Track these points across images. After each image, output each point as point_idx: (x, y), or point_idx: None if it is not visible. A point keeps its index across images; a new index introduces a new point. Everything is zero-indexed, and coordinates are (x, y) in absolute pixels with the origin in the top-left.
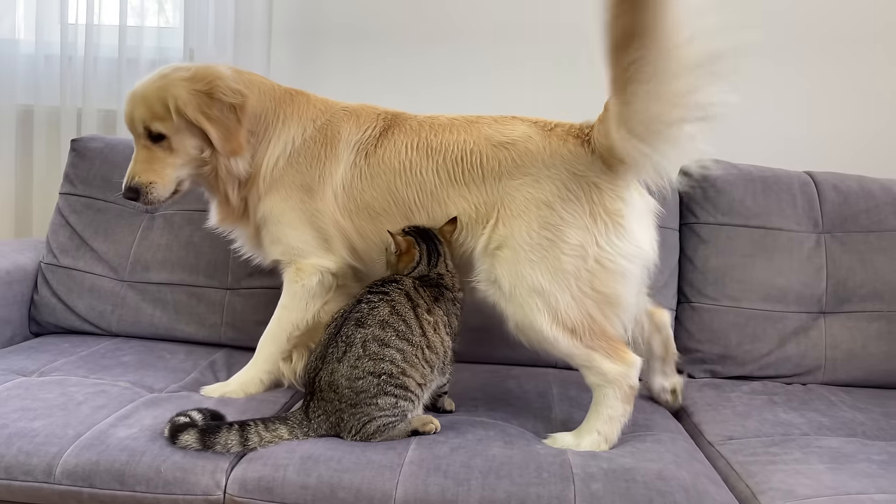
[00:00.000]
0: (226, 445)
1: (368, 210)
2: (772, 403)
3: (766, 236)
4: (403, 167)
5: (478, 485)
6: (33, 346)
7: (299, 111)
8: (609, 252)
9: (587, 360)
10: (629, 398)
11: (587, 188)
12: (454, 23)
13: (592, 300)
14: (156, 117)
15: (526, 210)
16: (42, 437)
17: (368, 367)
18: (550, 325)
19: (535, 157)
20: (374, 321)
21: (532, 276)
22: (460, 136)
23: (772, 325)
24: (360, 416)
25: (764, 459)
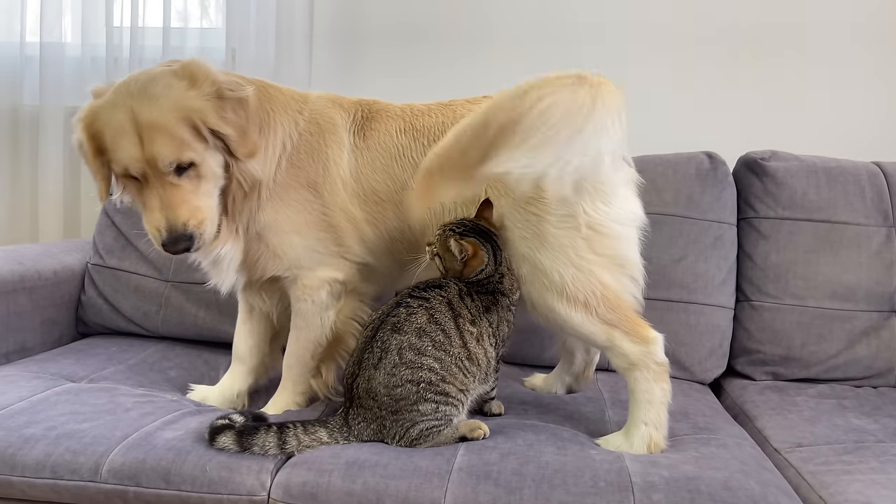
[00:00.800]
0: (263, 447)
1: (375, 196)
2: (842, 408)
3: (832, 230)
4: (398, 151)
5: (531, 494)
6: (81, 348)
7: (282, 103)
8: (599, 218)
9: (608, 340)
10: (661, 376)
11: None
12: (496, 24)
13: (598, 265)
14: (185, 146)
15: (509, 186)
16: (90, 438)
17: (406, 375)
18: (560, 301)
19: None
20: (411, 328)
21: (530, 253)
22: (439, 118)
23: (839, 325)
24: (403, 421)
25: (838, 469)
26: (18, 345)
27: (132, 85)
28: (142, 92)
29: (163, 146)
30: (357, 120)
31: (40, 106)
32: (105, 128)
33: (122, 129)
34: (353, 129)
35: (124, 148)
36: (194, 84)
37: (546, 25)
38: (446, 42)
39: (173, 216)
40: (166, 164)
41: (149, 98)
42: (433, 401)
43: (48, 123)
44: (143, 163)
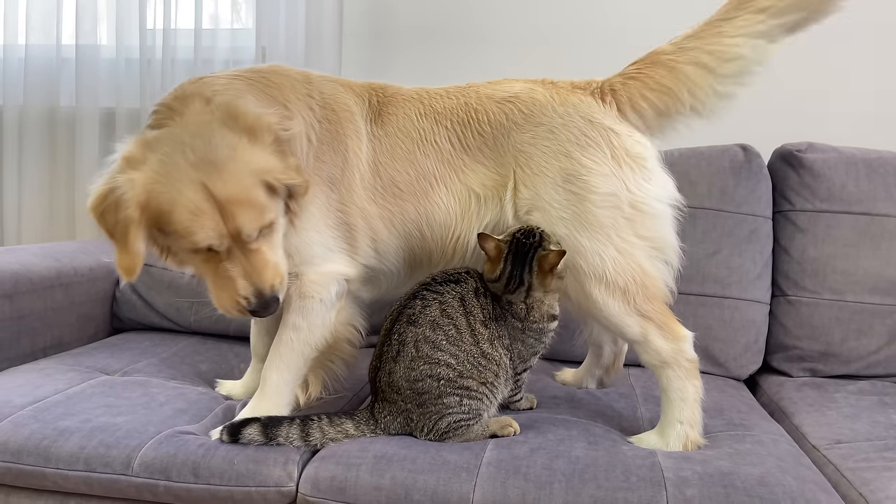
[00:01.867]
0: (287, 438)
1: (394, 187)
2: (883, 405)
3: (872, 223)
4: (420, 135)
5: (560, 489)
6: (116, 343)
7: (290, 89)
8: (642, 196)
9: (642, 335)
10: (693, 373)
11: (604, 133)
12: (527, 23)
13: (639, 249)
14: (266, 209)
15: (546, 165)
16: (123, 432)
17: (425, 370)
18: (599, 287)
19: (544, 105)
20: (426, 321)
21: (569, 236)
22: (460, 99)
23: (880, 320)
24: (430, 414)
25: (879, 465)
26: (55, 340)
27: (188, 153)
28: (207, 163)
29: (247, 218)
30: (373, 105)
31: (76, 107)
32: (174, 207)
33: (200, 209)
34: (369, 115)
35: (205, 227)
36: (254, 137)
37: (580, 26)
38: (476, 41)
39: (261, 282)
40: (251, 234)
41: (218, 169)
42: (455, 394)
43: (84, 124)
44: (228, 238)
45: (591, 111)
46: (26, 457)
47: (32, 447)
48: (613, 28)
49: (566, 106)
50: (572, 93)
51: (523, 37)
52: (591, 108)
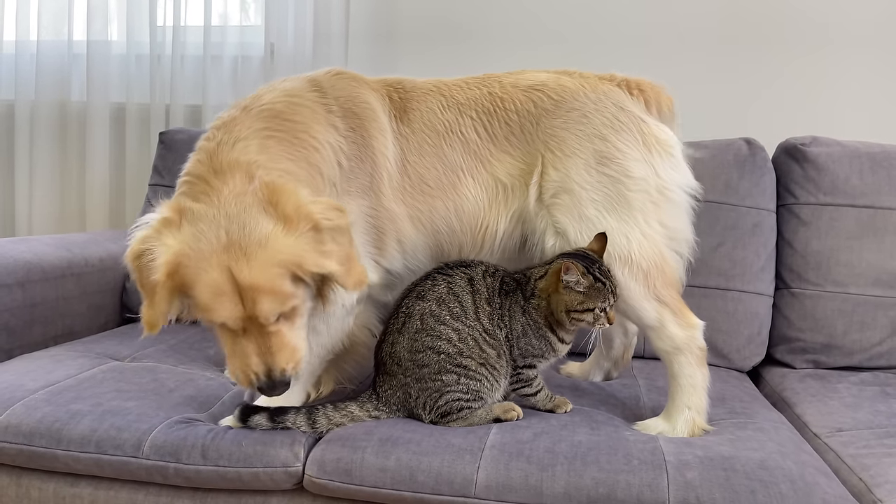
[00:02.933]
0: (295, 423)
1: (423, 185)
2: (885, 395)
3: (875, 216)
4: (445, 128)
5: (563, 471)
6: (125, 331)
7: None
8: (669, 183)
9: (658, 320)
10: (702, 361)
11: (635, 120)
12: (532, 22)
13: (661, 236)
14: (287, 297)
15: (579, 147)
16: (134, 416)
17: (427, 342)
18: (623, 270)
19: (576, 92)
20: (433, 296)
21: (599, 217)
22: (482, 89)
23: (883, 313)
24: (429, 391)
25: (879, 452)
26: (67, 328)
27: (222, 235)
28: (237, 248)
29: (266, 304)
30: (395, 102)
31: (87, 102)
32: (197, 283)
33: (221, 291)
34: (392, 112)
35: (224, 308)
36: (291, 226)
37: (585, 23)
38: (483, 39)
39: (273, 363)
40: (269, 319)
41: (247, 256)
42: (454, 372)
43: (95, 119)
44: (243, 320)
45: (621, 99)
46: (38, 439)
47: (45, 429)
48: (622, 26)
49: (597, 93)
50: (600, 82)
51: (530, 35)
52: (620, 96)
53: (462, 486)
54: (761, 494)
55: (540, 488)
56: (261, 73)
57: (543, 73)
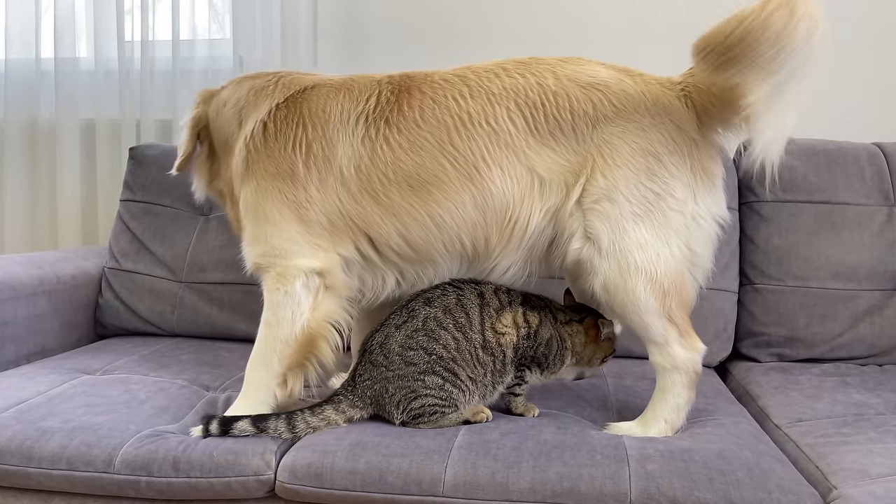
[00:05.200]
0: (276, 429)
1: (409, 181)
2: (844, 385)
3: (833, 212)
4: (461, 120)
5: (528, 467)
6: (98, 347)
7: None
8: (704, 211)
9: (663, 339)
10: (693, 384)
11: (689, 143)
12: (503, 22)
13: (687, 259)
14: None
15: (632, 160)
16: (105, 430)
17: (423, 341)
18: (646, 284)
19: (638, 102)
20: (441, 304)
21: (636, 230)
22: (529, 78)
23: (843, 305)
24: (406, 390)
25: (836, 440)
26: (39, 346)
27: None
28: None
29: None
30: (376, 102)
31: (56, 119)
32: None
33: None
34: (363, 116)
35: None
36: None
37: (560, 21)
38: (451, 41)
39: None
40: None
41: None
42: (441, 375)
43: (64, 136)
44: None
45: (679, 116)
46: (9, 457)
47: (15, 448)
48: (591, 24)
49: (658, 107)
50: (662, 93)
51: (497, 37)
52: (679, 112)
53: (431, 485)
54: (718, 482)
55: (506, 484)
56: None
57: (603, 68)
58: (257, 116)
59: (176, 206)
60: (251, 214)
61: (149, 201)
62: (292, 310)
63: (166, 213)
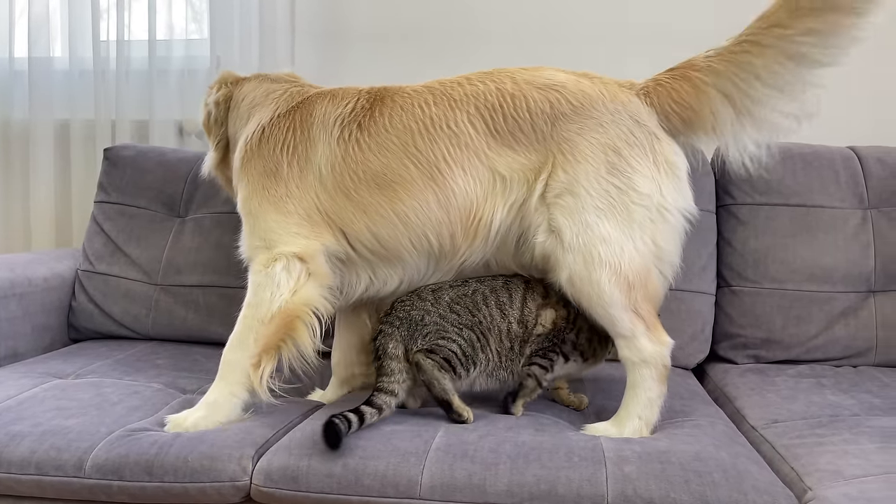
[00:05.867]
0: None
1: (376, 180)
2: (820, 386)
3: (808, 215)
4: (423, 125)
5: (506, 469)
6: (71, 351)
7: (267, 92)
8: (670, 204)
9: (630, 331)
10: (664, 378)
11: (649, 136)
12: (481, 22)
13: (651, 253)
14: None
15: (592, 155)
16: (75, 434)
17: (470, 304)
18: (610, 277)
19: (595, 99)
20: (490, 283)
21: (599, 223)
22: (489, 84)
23: (818, 307)
24: (440, 328)
25: (811, 441)
26: (10, 350)
27: None
28: None
29: None
30: (353, 107)
31: (30, 119)
32: None
33: None
34: (341, 119)
35: None
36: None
37: (536, 21)
38: (429, 40)
39: None
40: None
41: None
42: (476, 335)
43: (38, 136)
44: None
45: (638, 112)
46: None
47: None
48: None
49: (615, 103)
50: (620, 91)
51: (476, 35)
52: (638, 108)
53: (407, 487)
54: (695, 483)
55: (483, 487)
56: (207, 86)
57: (562, 72)
58: (260, 119)
59: (151, 208)
60: (244, 210)
61: (123, 203)
62: (271, 290)
63: (141, 214)
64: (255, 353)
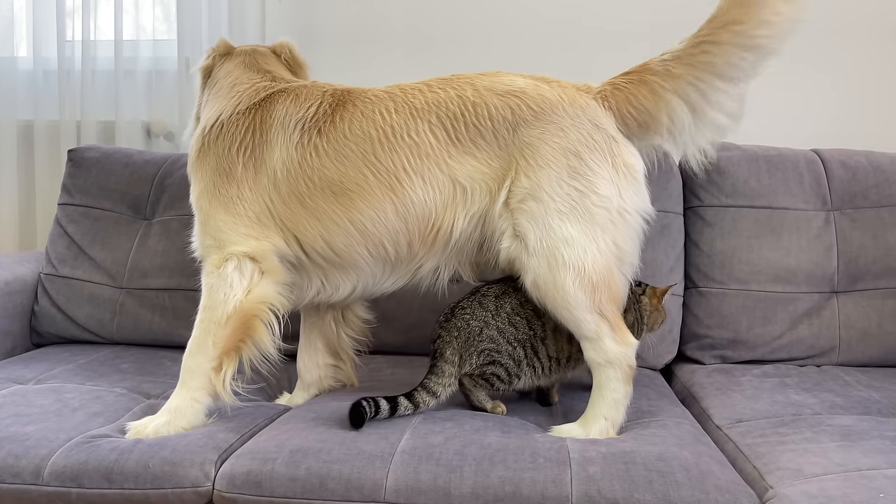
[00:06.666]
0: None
1: (332, 188)
2: (783, 385)
3: (773, 216)
4: (384, 133)
5: (470, 471)
6: (33, 356)
7: (234, 83)
8: (629, 206)
9: (595, 332)
10: (629, 379)
11: (608, 140)
12: (451, 25)
13: (613, 255)
14: None
15: (554, 159)
16: (32, 441)
17: (529, 313)
18: (574, 279)
19: (555, 104)
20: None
21: (562, 227)
22: (449, 91)
23: (782, 307)
24: (494, 346)
25: (773, 440)
26: None
27: None
28: None
29: None
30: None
31: None
32: None
33: None
34: (302, 122)
35: None
36: None
37: (501, 21)
38: (399, 43)
39: None
40: None
41: None
42: (526, 351)
43: (1, 138)
44: None
45: (597, 116)
46: None
47: None
48: (532, 23)
49: (575, 107)
50: (579, 95)
51: (448, 40)
52: (596, 112)
53: (372, 491)
54: (658, 483)
55: (448, 489)
56: (176, 87)
57: (521, 77)
58: (220, 111)
59: (116, 210)
60: (196, 205)
61: (88, 205)
62: (224, 291)
63: (106, 217)
64: (215, 357)
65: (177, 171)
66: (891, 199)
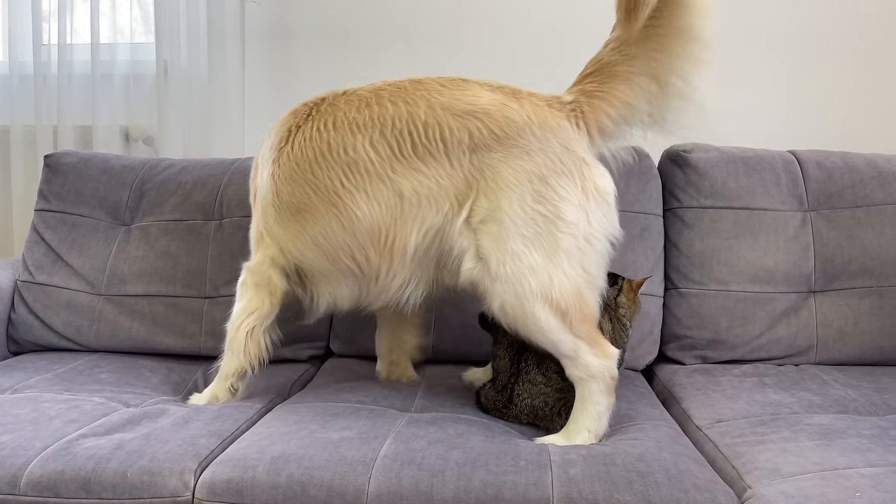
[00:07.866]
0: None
1: (291, 209)
2: (762, 385)
3: (751, 217)
4: (320, 152)
5: (453, 475)
6: (10, 364)
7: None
8: (597, 231)
9: (573, 352)
10: (611, 390)
11: (578, 163)
12: (431, 23)
13: (582, 279)
14: None
15: (517, 182)
16: (8, 451)
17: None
18: (543, 306)
19: (522, 127)
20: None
21: (525, 253)
22: (400, 107)
23: (761, 307)
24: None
25: (751, 440)
26: None
27: None
28: None
29: None
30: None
31: None
32: None
33: None
34: (275, 150)
35: None
36: None
37: (483, 19)
38: (380, 41)
39: None
40: None
41: None
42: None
43: None
44: None
45: (567, 138)
46: None
47: None
48: (503, 24)
49: (544, 130)
50: (550, 115)
51: (425, 36)
52: (567, 134)
53: (354, 496)
54: (638, 484)
55: (430, 494)
56: (154, 91)
57: (487, 91)
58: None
59: (94, 216)
60: None
61: (65, 211)
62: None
63: (84, 223)
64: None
65: (155, 175)
66: (866, 200)
